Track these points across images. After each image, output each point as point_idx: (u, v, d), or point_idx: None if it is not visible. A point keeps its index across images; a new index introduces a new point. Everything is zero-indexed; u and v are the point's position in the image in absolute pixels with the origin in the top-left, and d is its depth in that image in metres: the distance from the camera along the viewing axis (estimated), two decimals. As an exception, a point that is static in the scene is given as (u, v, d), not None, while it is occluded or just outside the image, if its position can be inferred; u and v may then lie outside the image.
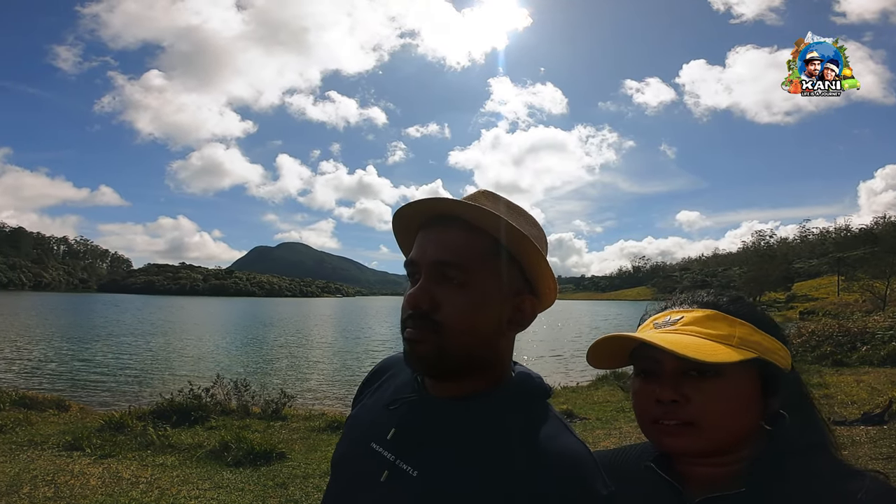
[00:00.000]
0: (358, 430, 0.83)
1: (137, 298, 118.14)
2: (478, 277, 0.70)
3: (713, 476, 0.73)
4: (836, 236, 77.71)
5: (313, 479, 4.56)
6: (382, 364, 0.94)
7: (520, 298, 0.74)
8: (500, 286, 0.72)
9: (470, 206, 0.70)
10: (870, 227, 65.00)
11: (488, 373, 0.75)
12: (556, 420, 0.74)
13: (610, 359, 0.83)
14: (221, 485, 4.37)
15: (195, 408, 7.17)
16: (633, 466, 0.82)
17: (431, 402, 0.76)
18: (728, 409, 0.70)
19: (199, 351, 19.46)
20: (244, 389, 8.08)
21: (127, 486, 4.28)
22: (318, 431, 6.57)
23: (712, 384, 0.70)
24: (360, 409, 0.88)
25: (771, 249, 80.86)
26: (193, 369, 14.26)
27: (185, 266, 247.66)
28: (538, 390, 0.77)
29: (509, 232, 0.70)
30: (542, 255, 0.73)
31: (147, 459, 5.11)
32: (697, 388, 0.70)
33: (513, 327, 0.75)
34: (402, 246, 0.82)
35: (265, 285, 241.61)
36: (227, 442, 5.42)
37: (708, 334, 0.72)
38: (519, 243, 0.71)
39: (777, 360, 0.72)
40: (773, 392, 0.72)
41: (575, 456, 0.68)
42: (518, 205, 0.78)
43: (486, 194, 0.76)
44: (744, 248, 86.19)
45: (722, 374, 0.70)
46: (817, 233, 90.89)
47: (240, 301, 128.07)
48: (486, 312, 0.71)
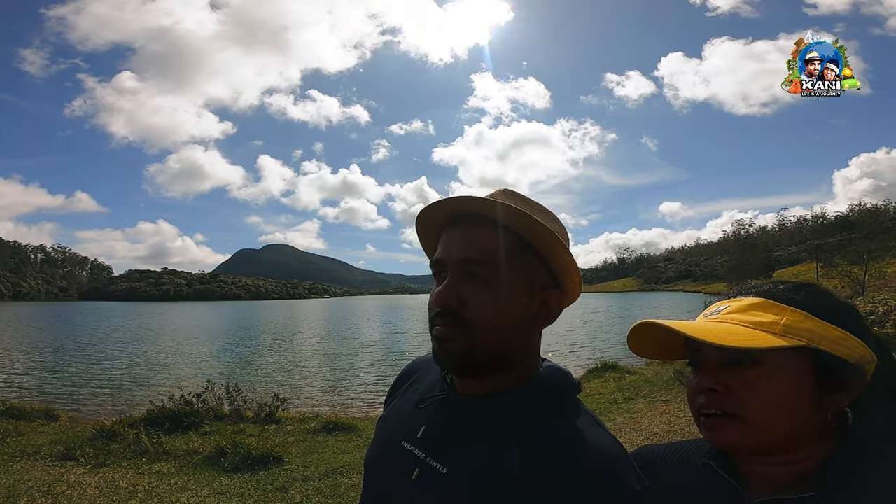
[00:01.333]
0: (389, 430, 0.84)
1: (120, 306, 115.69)
2: (503, 274, 0.71)
3: (776, 476, 0.68)
4: (813, 224, 79.49)
5: (313, 481, 4.57)
6: (411, 366, 0.96)
7: (546, 293, 0.75)
8: (525, 282, 0.73)
9: (493, 204, 0.71)
10: (846, 213, 66.59)
11: (517, 369, 0.75)
12: (586, 415, 0.74)
13: (658, 349, 0.78)
14: (221, 491, 4.37)
15: (187, 414, 7.10)
16: (685, 464, 0.78)
17: (460, 399, 0.77)
18: (772, 400, 0.64)
19: (186, 357, 19.18)
20: (236, 394, 8.03)
21: (125, 494, 4.25)
22: (313, 434, 6.56)
23: (753, 373, 0.65)
24: (391, 410, 0.90)
25: (751, 238, 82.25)
26: (182, 375, 14.06)
27: (168, 272, 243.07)
28: (567, 386, 0.78)
29: (533, 228, 0.72)
30: (566, 249, 0.74)
31: (143, 467, 5.07)
32: (737, 378, 0.66)
33: (539, 322, 0.76)
34: (426, 247, 0.82)
35: (251, 288, 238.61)
36: (224, 447, 5.40)
37: (748, 321, 0.67)
38: (543, 239, 0.73)
39: (837, 350, 0.64)
40: (834, 387, 0.64)
41: (607, 451, 0.68)
42: (537, 202, 0.78)
43: (507, 192, 0.77)
44: (725, 238, 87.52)
45: (762, 362, 0.65)
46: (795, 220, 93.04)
47: (226, 305, 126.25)
48: (512, 308, 0.72)
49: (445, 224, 0.77)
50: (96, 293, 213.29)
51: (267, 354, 19.98)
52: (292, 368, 15.86)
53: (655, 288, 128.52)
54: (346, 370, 15.07)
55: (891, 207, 67.03)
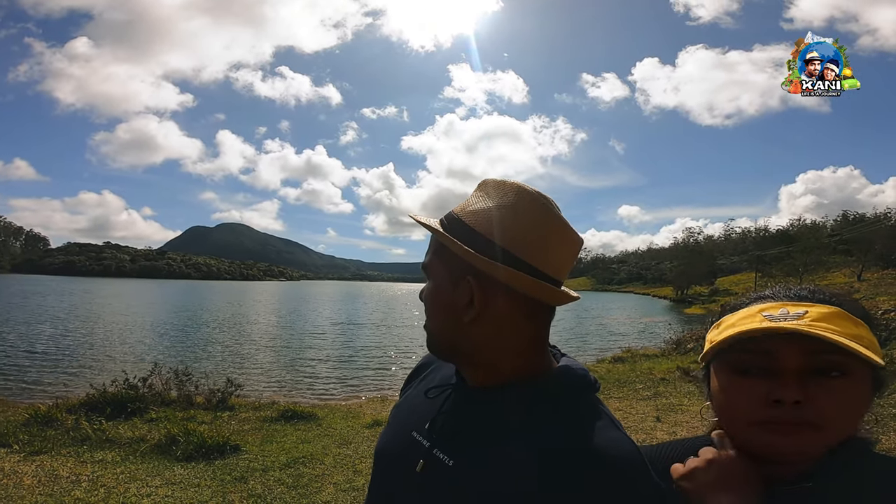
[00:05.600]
0: (400, 419, 0.86)
1: (55, 280, 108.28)
2: (434, 270, 0.78)
3: (778, 472, 0.69)
4: (755, 235, 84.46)
5: (274, 471, 4.42)
6: (429, 356, 0.93)
7: (465, 280, 0.73)
8: (446, 273, 0.76)
9: (435, 230, 0.76)
10: (786, 228, 71.01)
11: (513, 362, 0.74)
12: (602, 415, 0.71)
13: None
14: (174, 481, 4.14)
15: (131, 399, 6.72)
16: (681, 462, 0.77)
17: (467, 390, 0.77)
18: (852, 410, 0.66)
19: (128, 337, 18.17)
20: (186, 379, 7.67)
21: (67, 484, 3.95)
22: (270, 422, 6.37)
23: (839, 384, 0.65)
24: (404, 400, 0.91)
25: (698, 245, 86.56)
26: (125, 358, 13.34)
27: (111, 245, 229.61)
28: (582, 382, 0.75)
29: (445, 239, 0.75)
30: (463, 244, 0.72)
31: (84, 455, 4.74)
32: (824, 387, 0.65)
33: (476, 312, 0.73)
34: None
35: (202, 267, 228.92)
36: (174, 435, 5.14)
37: (841, 332, 0.65)
38: (452, 244, 0.73)
39: (882, 360, 0.67)
40: (881, 394, 0.69)
41: (621, 452, 0.65)
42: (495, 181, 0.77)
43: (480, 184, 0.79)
44: (675, 244, 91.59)
45: (849, 374, 0.65)
46: (740, 231, 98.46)
47: (172, 284, 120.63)
48: (439, 297, 0.77)
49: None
50: (30, 265, 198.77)
51: (215, 336, 19.23)
52: (243, 353, 15.36)
53: (608, 288, 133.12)
54: (301, 358, 14.73)
55: (828, 224, 72.34)
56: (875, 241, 45.60)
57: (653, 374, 9.54)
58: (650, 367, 10.54)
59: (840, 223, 67.08)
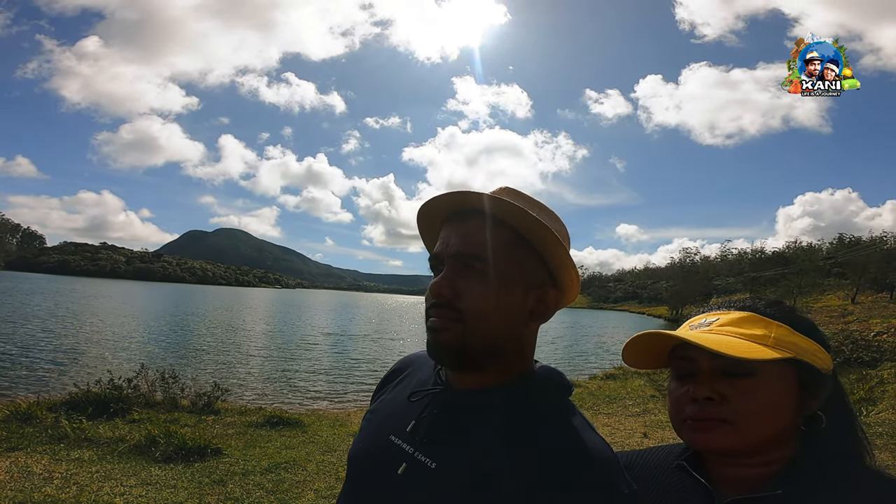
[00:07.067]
0: (376, 423, 0.83)
1: (49, 279, 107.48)
2: (499, 268, 0.71)
3: (746, 477, 0.72)
4: (752, 257, 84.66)
5: (254, 476, 4.33)
6: (404, 361, 0.93)
7: (542, 290, 0.75)
8: (519, 277, 0.72)
9: (493, 199, 0.71)
10: (782, 250, 71.24)
11: (510, 365, 0.74)
12: (578, 417, 0.73)
13: (650, 359, 0.82)
14: (150, 481, 4.05)
15: (115, 399, 6.60)
16: (658, 468, 0.82)
17: (452, 394, 0.76)
18: (763, 408, 0.70)
19: (117, 338, 17.97)
20: (172, 381, 7.55)
21: (39, 481, 3.86)
22: (255, 427, 6.27)
23: (748, 383, 0.70)
24: (379, 404, 0.87)
25: (695, 266, 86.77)
26: (113, 359, 13.15)
27: (107, 246, 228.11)
28: (560, 385, 0.77)
29: (530, 224, 0.71)
30: (564, 247, 0.74)
31: (60, 453, 4.65)
32: (732, 387, 0.71)
33: (535, 318, 0.75)
34: (426, 242, 0.83)
35: (197, 271, 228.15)
36: (155, 436, 5.04)
37: (743, 334, 0.72)
38: (539, 235, 0.72)
39: (815, 361, 0.72)
40: (811, 394, 0.72)
41: (598, 454, 0.67)
42: (540, 201, 0.79)
43: (509, 190, 0.77)
44: (671, 264, 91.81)
45: (756, 373, 0.70)
46: (736, 253, 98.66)
47: (166, 287, 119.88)
48: (505, 301, 0.71)
49: (445, 218, 0.77)
50: (25, 263, 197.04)
51: (205, 341, 19.03)
52: (232, 359, 15.18)
53: (603, 306, 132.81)
54: (291, 367, 14.57)
55: (824, 247, 72.71)
56: (869, 264, 45.89)
57: (643, 391, 9.50)
58: (640, 384, 10.53)
59: (836, 246, 67.53)
